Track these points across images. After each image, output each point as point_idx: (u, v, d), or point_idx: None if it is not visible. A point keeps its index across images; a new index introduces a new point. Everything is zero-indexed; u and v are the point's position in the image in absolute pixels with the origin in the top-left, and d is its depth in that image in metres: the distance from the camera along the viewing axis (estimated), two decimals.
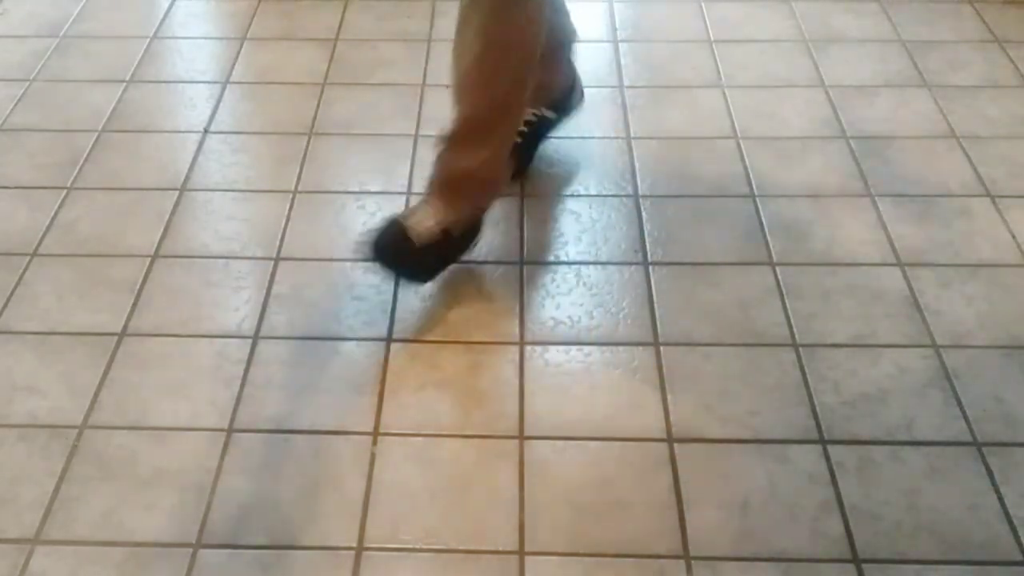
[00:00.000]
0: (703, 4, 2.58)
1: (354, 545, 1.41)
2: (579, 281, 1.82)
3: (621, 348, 1.70)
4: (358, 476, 1.50)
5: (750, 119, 2.20)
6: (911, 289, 1.80)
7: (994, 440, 1.55)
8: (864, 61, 2.39)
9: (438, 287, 1.81)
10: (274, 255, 1.87)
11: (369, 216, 1.94)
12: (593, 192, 2.02)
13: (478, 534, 1.43)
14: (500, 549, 1.41)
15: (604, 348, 1.70)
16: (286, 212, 1.96)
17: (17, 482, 1.49)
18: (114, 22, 2.53)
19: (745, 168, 2.07)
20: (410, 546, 1.41)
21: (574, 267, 1.85)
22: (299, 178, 2.05)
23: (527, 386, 1.64)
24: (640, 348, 1.70)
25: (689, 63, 2.39)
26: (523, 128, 1.98)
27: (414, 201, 1.92)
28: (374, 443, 1.55)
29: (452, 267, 1.82)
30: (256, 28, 2.51)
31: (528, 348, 1.70)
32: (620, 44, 2.44)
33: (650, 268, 1.85)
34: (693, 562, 1.39)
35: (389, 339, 1.72)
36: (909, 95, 2.28)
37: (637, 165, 2.08)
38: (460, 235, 1.80)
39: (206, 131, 2.17)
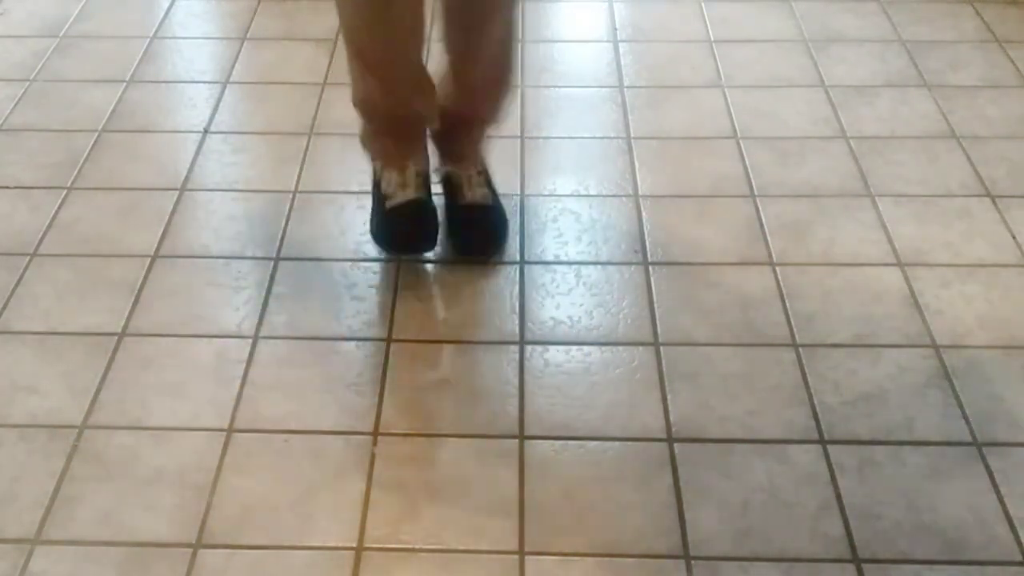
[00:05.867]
0: (703, 4, 2.58)
1: (354, 545, 1.41)
2: (579, 281, 1.82)
3: (621, 348, 1.70)
4: (358, 476, 1.50)
5: (750, 119, 2.20)
6: (911, 289, 1.80)
7: (994, 440, 1.55)
8: (864, 61, 2.39)
9: (438, 287, 1.81)
10: (274, 255, 1.87)
11: (369, 216, 1.94)
12: (593, 192, 2.01)
13: (478, 534, 1.43)
14: (500, 549, 1.41)
15: (604, 348, 1.70)
16: (286, 212, 1.96)
17: (17, 482, 1.49)
18: (114, 22, 2.53)
19: (745, 168, 2.07)
20: (410, 546, 1.41)
21: (574, 267, 1.85)
22: (299, 178, 2.05)
23: (527, 386, 1.64)
24: (640, 348, 1.70)
25: (689, 63, 2.39)
26: None
27: None
28: (374, 443, 1.55)
29: (452, 267, 1.82)
30: (256, 28, 2.51)
31: (528, 348, 1.70)
32: (620, 44, 2.44)
33: (650, 268, 1.85)
34: (693, 562, 1.39)
35: (389, 339, 1.72)
36: (909, 95, 2.28)
37: (637, 165, 2.08)
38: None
39: (206, 131, 2.17)
